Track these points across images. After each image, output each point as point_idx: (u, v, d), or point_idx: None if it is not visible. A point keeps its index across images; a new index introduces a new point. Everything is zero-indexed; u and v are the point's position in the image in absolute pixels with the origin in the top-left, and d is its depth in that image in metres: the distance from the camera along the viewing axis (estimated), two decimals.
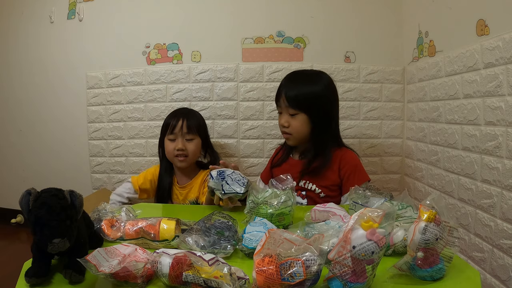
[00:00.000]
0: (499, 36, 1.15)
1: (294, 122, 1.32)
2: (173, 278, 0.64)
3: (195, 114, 1.69)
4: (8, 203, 2.40)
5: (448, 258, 0.68)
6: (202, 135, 1.63)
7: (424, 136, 1.69)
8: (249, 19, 1.98)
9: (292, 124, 1.32)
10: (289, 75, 1.42)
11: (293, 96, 1.31)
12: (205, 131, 1.67)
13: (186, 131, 1.55)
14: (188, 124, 1.56)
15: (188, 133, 1.55)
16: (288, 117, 1.33)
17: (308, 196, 1.34)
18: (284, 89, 1.34)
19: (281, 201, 0.93)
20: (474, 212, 1.29)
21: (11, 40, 2.26)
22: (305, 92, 1.31)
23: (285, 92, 1.32)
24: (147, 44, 2.05)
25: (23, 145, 2.32)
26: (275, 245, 0.60)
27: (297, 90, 1.32)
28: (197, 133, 1.59)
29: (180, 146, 1.53)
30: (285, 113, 1.34)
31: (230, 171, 1.15)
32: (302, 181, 1.34)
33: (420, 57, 1.74)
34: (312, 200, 1.33)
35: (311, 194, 1.34)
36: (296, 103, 1.30)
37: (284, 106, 1.33)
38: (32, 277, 0.66)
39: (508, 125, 1.12)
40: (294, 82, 1.36)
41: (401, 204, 0.88)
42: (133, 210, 1.00)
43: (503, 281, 1.14)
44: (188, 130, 1.56)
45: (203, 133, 1.64)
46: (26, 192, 0.68)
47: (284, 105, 1.33)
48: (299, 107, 1.31)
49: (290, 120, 1.33)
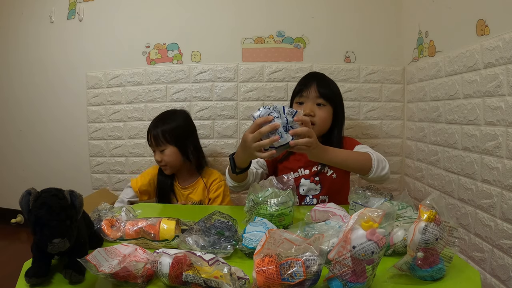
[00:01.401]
0: (499, 36, 1.15)
1: (321, 112, 1.33)
2: (173, 278, 0.64)
3: (168, 121, 1.58)
4: (8, 203, 2.40)
5: (448, 258, 0.68)
6: (177, 142, 1.54)
7: (424, 136, 1.69)
8: (249, 19, 1.98)
9: (319, 114, 1.32)
10: (311, 72, 1.50)
11: (325, 85, 1.36)
12: (180, 137, 1.56)
13: (154, 143, 1.53)
14: (154, 135, 1.52)
15: (157, 145, 1.53)
16: (313, 106, 1.33)
17: (322, 180, 1.34)
18: (315, 80, 1.37)
19: (281, 202, 0.93)
20: (474, 212, 1.29)
21: (11, 40, 2.26)
22: (333, 87, 1.40)
23: (317, 82, 1.35)
24: (147, 44, 2.05)
25: (23, 145, 2.32)
26: (275, 245, 0.60)
27: (327, 82, 1.40)
28: (168, 143, 1.52)
29: (156, 158, 1.55)
30: (312, 103, 1.33)
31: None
32: (314, 166, 1.35)
33: (420, 57, 1.74)
34: (326, 184, 1.33)
35: (324, 177, 1.34)
36: (327, 92, 1.34)
37: (312, 96, 1.33)
38: (32, 277, 0.66)
39: (508, 125, 1.12)
40: (321, 76, 1.43)
41: (401, 204, 0.88)
42: (133, 210, 1.00)
43: (503, 281, 1.14)
44: (156, 143, 1.52)
45: (178, 140, 1.54)
46: (26, 192, 0.68)
47: (312, 95, 1.33)
48: (329, 98, 1.34)
49: (315, 110, 1.33)
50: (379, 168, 1.18)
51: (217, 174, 1.64)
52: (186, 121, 1.64)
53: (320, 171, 1.34)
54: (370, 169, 1.17)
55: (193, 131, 1.67)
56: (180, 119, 1.61)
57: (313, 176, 1.34)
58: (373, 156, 1.19)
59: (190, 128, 1.65)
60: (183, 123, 1.61)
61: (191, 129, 1.65)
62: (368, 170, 1.17)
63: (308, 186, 1.34)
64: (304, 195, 1.34)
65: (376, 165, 1.17)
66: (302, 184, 1.34)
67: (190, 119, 1.68)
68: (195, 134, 1.68)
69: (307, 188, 1.34)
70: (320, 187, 1.34)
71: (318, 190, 1.34)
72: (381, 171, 1.18)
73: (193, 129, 1.67)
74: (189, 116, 1.69)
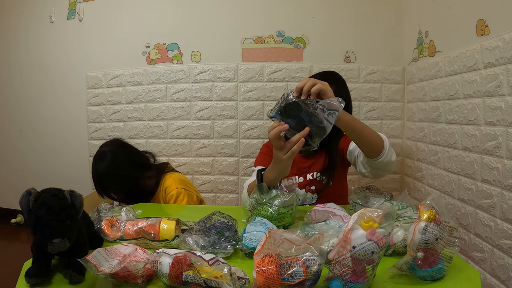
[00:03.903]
0: (499, 36, 1.15)
1: None
2: (173, 278, 0.64)
3: (96, 171, 1.41)
4: (8, 203, 2.40)
5: (448, 258, 0.68)
6: (112, 185, 1.41)
7: (424, 136, 1.68)
8: (249, 19, 1.98)
9: None
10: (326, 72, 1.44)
11: (340, 88, 1.31)
12: (106, 185, 1.41)
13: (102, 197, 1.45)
14: (97, 192, 1.44)
15: (103, 197, 1.45)
16: None
17: (318, 190, 1.30)
18: (320, 77, 1.33)
19: (283, 204, 0.92)
20: (474, 212, 1.29)
21: (11, 40, 2.27)
22: (346, 89, 1.36)
23: (336, 85, 1.29)
24: (147, 44, 2.05)
25: (24, 144, 2.32)
26: (275, 245, 0.60)
27: (341, 85, 1.35)
28: (105, 191, 1.42)
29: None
30: None
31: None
32: (309, 174, 1.31)
33: (420, 57, 1.74)
34: (323, 193, 1.30)
35: (319, 186, 1.30)
36: (334, 88, 1.30)
37: None
38: (32, 277, 0.66)
39: (508, 125, 1.12)
40: (337, 79, 1.37)
41: (401, 204, 0.88)
42: (133, 210, 1.00)
43: (503, 281, 1.14)
44: (101, 194, 1.44)
45: (106, 188, 1.41)
46: (26, 192, 0.68)
47: None
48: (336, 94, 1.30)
49: None
50: (389, 152, 1.10)
51: (169, 181, 1.48)
52: (99, 167, 1.40)
53: (315, 179, 1.31)
54: (382, 150, 1.08)
55: (117, 167, 1.41)
56: (93, 166, 1.42)
57: (308, 185, 1.31)
58: (384, 138, 1.11)
59: (106, 173, 1.39)
60: (96, 171, 1.41)
61: (112, 168, 1.40)
62: (380, 151, 1.08)
63: (304, 195, 1.30)
64: (300, 204, 1.28)
65: (388, 148, 1.09)
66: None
67: (107, 159, 1.41)
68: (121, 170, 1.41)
69: (303, 198, 1.30)
70: (317, 196, 1.31)
71: (315, 199, 1.31)
72: (391, 155, 1.10)
73: (117, 164, 1.41)
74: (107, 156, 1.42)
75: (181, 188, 1.45)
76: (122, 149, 1.49)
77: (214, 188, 2.07)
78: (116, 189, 1.43)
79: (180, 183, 1.48)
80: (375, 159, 1.09)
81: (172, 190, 1.44)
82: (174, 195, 1.43)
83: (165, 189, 1.47)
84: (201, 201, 1.56)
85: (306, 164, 1.33)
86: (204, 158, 2.06)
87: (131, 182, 1.43)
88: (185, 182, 1.53)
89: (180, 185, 1.46)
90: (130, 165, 1.45)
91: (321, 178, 1.30)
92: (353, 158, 1.25)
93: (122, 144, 1.52)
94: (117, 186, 1.42)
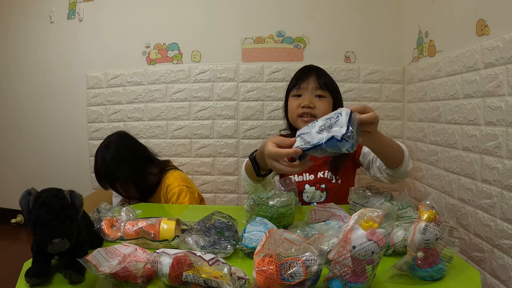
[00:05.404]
0: (499, 36, 1.15)
1: (320, 104, 1.30)
2: (173, 278, 0.64)
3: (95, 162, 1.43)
4: (8, 203, 2.41)
5: (448, 258, 0.68)
6: (111, 181, 1.42)
7: (424, 136, 1.68)
8: (249, 19, 1.98)
9: (319, 106, 1.29)
10: (308, 65, 1.44)
11: (324, 75, 1.34)
12: (109, 176, 1.41)
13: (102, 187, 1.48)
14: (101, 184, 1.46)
15: (107, 189, 1.47)
16: (313, 98, 1.30)
17: (327, 188, 1.31)
18: (314, 71, 1.35)
19: (282, 205, 0.92)
20: (474, 212, 1.29)
21: (11, 40, 2.27)
22: (331, 78, 1.38)
23: (316, 73, 1.33)
24: (147, 44, 2.05)
25: (23, 145, 2.32)
26: (275, 245, 0.60)
27: (325, 73, 1.37)
28: (110, 181, 1.42)
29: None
30: (311, 95, 1.30)
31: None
32: (320, 172, 1.32)
33: (420, 57, 1.74)
34: (331, 192, 1.30)
35: (329, 185, 1.30)
36: (327, 83, 1.32)
37: (311, 88, 1.31)
38: (32, 277, 0.66)
39: (508, 125, 1.12)
40: (318, 68, 1.40)
41: (401, 204, 0.88)
42: (133, 210, 1.00)
43: (503, 281, 1.14)
44: (105, 186, 1.45)
45: (110, 179, 1.42)
46: (26, 192, 0.68)
47: (311, 87, 1.31)
48: (329, 88, 1.32)
49: (315, 101, 1.30)
50: (408, 162, 1.10)
51: (171, 179, 1.48)
52: (107, 156, 1.41)
53: (326, 178, 1.31)
54: (403, 161, 1.08)
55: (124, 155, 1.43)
56: (99, 156, 1.42)
57: (318, 183, 1.31)
58: (404, 149, 1.10)
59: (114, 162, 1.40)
60: (103, 160, 1.40)
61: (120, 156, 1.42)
62: (401, 161, 1.08)
63: (313, 193, 1.31)
64: (308, 202, 1.31)
65: (407, 159, 1.09)
66: (306, 191, 1.31)
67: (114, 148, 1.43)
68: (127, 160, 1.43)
69: (311, 195, 1.31)
70: (325, 195, 1.31)
71: (324, 197, 1.31)
72: (408, 165, 1.10)
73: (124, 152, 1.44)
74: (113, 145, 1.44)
75: (183, 186, 1.45)
76: (128, 139, 1.54)
77: (214, 188, 2.07)
78: (122, 178, 1.42)
79: (182, 180, 1.48)
80: (395, 169, 1.10)
81: (174, 188, 1.44)
82: (176, 193, 1.43)
83: (166, 186, 1.47)
84: (202, 199, 1.56)
85: (319, 162, 1.34)
86: (204, 158, 2.06)
87: (137, 172, 1.45)
88: (186, 180, 1.53)
89: (182, 182, 1.47)
90: (136, 154, 1.50)
91: (331, 177, 1.32)
92: (367, 162, 1.26)
93: (127, 135, 1.56)
94: (124, 174, 1.40)
